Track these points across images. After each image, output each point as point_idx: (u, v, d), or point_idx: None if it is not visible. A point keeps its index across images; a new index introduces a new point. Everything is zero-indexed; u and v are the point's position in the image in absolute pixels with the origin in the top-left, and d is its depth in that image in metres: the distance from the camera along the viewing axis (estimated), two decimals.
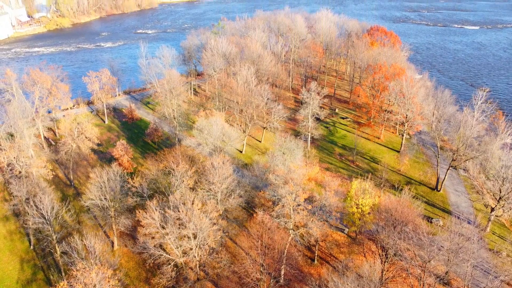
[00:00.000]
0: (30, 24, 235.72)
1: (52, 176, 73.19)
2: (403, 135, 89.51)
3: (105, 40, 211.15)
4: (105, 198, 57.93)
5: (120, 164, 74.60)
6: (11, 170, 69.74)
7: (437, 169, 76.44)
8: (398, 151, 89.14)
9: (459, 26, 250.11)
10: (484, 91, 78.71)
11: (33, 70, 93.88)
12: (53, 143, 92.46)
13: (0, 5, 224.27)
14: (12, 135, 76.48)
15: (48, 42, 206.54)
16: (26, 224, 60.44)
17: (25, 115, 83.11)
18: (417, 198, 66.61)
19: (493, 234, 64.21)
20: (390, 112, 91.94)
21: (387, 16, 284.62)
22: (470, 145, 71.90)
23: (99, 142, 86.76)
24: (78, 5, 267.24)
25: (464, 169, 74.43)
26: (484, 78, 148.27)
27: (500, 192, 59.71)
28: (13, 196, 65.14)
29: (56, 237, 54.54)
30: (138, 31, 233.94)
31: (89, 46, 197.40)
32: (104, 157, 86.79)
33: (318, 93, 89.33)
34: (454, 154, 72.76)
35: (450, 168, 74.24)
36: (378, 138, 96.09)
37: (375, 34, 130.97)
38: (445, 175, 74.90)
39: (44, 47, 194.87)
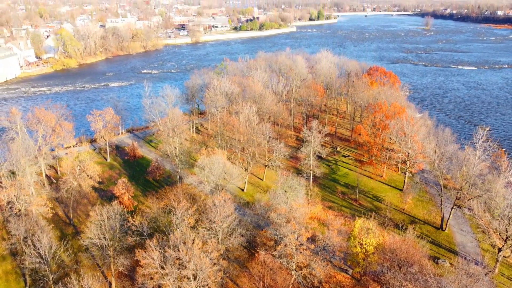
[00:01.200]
0: (37, 65, 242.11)
1: (51, 215, 72.39)
2: (405, 174, 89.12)
3: (110, 80, 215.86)
4: (104, 237, 56.95)
5: (120, 202, 73.94)
6: (10, 208, 69.13)
7: (441, 208, 75.45)
8: (401, 190, 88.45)
9: (456, 66, 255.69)
10: (484, 129, 79.06)
11: (38, 109, 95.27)
12: (54, 181, 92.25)
13: (10, 46, 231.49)
14: (13, 173, 76.46)
15: (54, 82, 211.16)
16: (22, 264, 59.04)
17: (28, 153, 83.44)
18: (422, 238, 65.33)
19: (501, 275, 62.34)
20: (392, 151, 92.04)
21: (386, 57, 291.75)
22: (473, 184, 71.35)
23: (101, 180, 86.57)
24: (85, 47, 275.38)
25: (468, 208, 73.49)
26: (483, 116, 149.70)
27: (507, 232, 58.55)
28: (11, 235, 64.14)
29: (52, 278, 53.16)
30: (143, 72, 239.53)
31: (95, 86, 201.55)
32: (105, 195, 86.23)
33: (320, 132, 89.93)
34: (457, 192, 72.08)
35: (455, 207, 73.28)
36: (381, 177, 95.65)
37: (374, 74, 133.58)
38: (450, 214, 73.82)
39: (50, 87, 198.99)
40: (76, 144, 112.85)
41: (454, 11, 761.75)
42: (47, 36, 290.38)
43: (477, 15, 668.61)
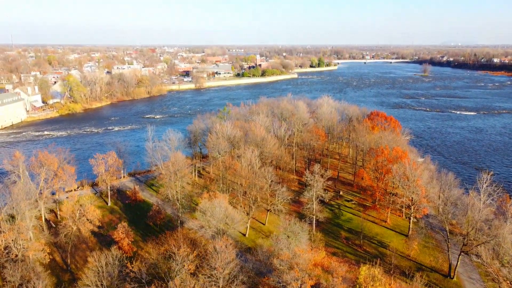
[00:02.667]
0: (43, 109, 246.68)
1: (49, 260, 70.76)
2: (410, 219, 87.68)
3: (114, 124, 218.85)
4: (101, 284, 55.26)
5: (120, 248, 72.41)
6: (7, 253, 67.70)
7: (448, 255, 73.44)
8: (406, 235, 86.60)
9: (456, 111, 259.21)
10: (488, 174, 78.63)
11: (41, 153, 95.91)
12: (53, 225, 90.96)
13: (18, 92, 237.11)
14: (13, 217, 75.62)
15: (59, 126, 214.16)
16: None
17: (28, 196, 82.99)
18: (429, 286, 63.11)
19: None
20: (395, 195, 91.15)
21: (386, 103, 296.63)
22: (480, 229, 69.90)
23: (100, 225, 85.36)
24: (91, 92, 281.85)
25: (476, 255, 71.46)
26: (485, 161, 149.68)
27: None
28: (6, 282, 62.31)
29: None
30: (147, 116, 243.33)
31: (99, 130, 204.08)
32: (104, 240, 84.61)
33: (322, 176, 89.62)
34: (464, 238, 70.49)
35: (462, 253, 71.38)
36: (385, 222, 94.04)
37: (375, 119, 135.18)
38: (458, 261, 71.72)
39: (55, 131, 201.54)
40: (78, 187, 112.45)
41: (451, 59, 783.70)
42: (55, 82, 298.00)
43: (473, 62, 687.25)
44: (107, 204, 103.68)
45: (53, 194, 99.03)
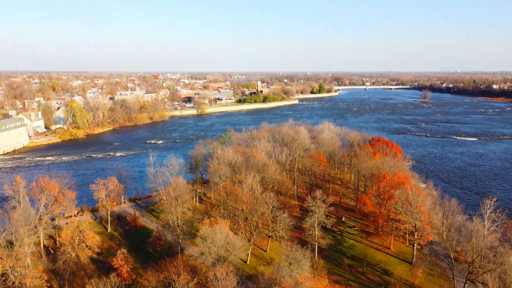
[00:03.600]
0: (46, 135, 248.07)
1: None
2: (414, 245, 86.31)
3: (116, 149, 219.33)
4: None
5: (119, 275, 71.18)
6: (4, 280, 66.52)
7: (454, 283, 71.93)
8: (410, 263, 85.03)
9: (457, 137, 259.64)
10: (491, 200, 77.98)
11: (42, 178, 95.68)
12: (52, 251, 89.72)
13: (21, 117, 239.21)
14: (11, 243, 74.72)
15: (61, 151, 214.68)
16: None
17: (28, 222, 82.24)
18: None
19: None
20: (398, 221, 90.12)
21: (387, 128, 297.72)
22: (485, 257, 68.69)
23: (100, 251, 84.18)
24: (94, 118, 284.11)
25: (482, 283, 69.97)
26: (487, 186, 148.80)
27: None
28: None
29: None
30: (149, 141, 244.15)
31: (100, 155, 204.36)
32: (103, 267, 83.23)
33: (324, 201, 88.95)
34: (469, 266, 69.19)
35: (468, 281, 69.87)
36: (388, 249, 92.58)
37: (376, 145, 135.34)
38: None
39: (56, 156, 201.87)
40: (78, 213, 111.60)
41: (451, 85, 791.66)
42: (58, 108, 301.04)
43: (473, 88, 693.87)
44: (106, 230, 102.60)
45: (52, 220, 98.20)
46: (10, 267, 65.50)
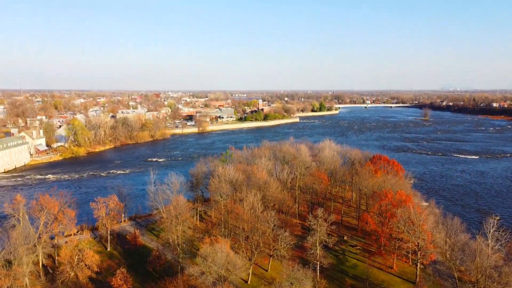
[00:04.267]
0: (47, 153, 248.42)
1: None
2: (417, 265, 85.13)
3: (117, 167, 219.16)
4: None
5: None
6: None
7: None
8: (414, 283, 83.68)
9: (458, 155, 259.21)
10: (494, 218, 77.28)
11: (42, 196, 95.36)
12: (50, 271, 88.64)
13: (23, 135, 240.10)
14: (10, 262, 73.92)
15: (62, 169, 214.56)
16: None
17: (27, 241, 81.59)
18: None
19: None
20: (401, 240, 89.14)
21: (388, 146, 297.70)
22: (489, 277, 67.64)
23: (99, 270, 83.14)
24: (95, 136, 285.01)
25: None
26: (490, 205, 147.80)
27: None
28: None
29: None
30: (150, 159, 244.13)
31: (101, 173, 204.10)
32: (102, 286, 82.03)
33: (325, 220, 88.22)
34: (474, 286, 68.07)
35: None
36: (391, 268, 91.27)
37: (378, 163, 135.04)
38: None
39: (57, 174, 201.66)
40: (77, 232, 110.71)
41: (451, 103, 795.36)
42: (60, 126, 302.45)
43: (473, 106, 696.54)
44: (106, 249, 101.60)
45: (52, 238, 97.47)
46: (8, 286, 64.62)
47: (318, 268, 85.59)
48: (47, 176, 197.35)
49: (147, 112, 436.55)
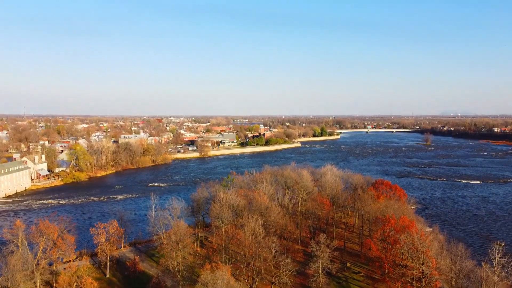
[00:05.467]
0: (48, 178, 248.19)
1: None
2: None
3: (118, 192, 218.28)
4: None
5: None
6: None
7: None
8: None
9: (460, 180, 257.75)
10: (499, 245, 76.18)
11: (42, 221, 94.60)
12: None
13: (25, 160, 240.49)
14: None
15: (63, 194, 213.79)
16: None
17: (25, 267, 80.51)
18: None
19: None
20: (405, 267, 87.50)
21: (390, 171, 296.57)
22: None
23: None
24: (97, 161, 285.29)
25: None
26: (493, 230, 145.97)
27: None
28: None
29: None
30: (151, 184, 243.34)
31: (102, 198, 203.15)
32: None
33: (328, 246, 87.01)
34: None
35: None
36: None
37: (380, 188, 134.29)
38: None
39: (58, 199, 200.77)
40: (76, 258, 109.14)
41: (452, 128, 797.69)
42: (62, 151, 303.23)
43: (474, 131, 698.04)
44: (105, 275, 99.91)
45: (50, 264, 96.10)
46: None
47: None
48: (47, 201, 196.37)
49: (149, 137, 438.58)
